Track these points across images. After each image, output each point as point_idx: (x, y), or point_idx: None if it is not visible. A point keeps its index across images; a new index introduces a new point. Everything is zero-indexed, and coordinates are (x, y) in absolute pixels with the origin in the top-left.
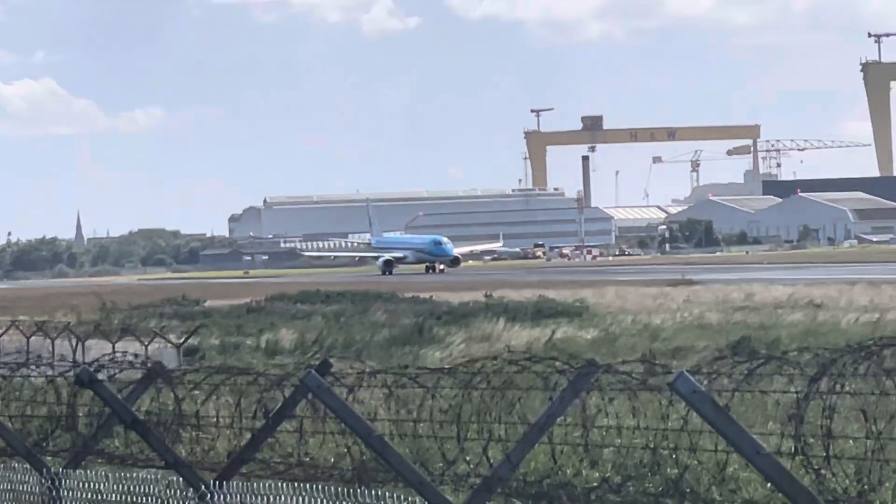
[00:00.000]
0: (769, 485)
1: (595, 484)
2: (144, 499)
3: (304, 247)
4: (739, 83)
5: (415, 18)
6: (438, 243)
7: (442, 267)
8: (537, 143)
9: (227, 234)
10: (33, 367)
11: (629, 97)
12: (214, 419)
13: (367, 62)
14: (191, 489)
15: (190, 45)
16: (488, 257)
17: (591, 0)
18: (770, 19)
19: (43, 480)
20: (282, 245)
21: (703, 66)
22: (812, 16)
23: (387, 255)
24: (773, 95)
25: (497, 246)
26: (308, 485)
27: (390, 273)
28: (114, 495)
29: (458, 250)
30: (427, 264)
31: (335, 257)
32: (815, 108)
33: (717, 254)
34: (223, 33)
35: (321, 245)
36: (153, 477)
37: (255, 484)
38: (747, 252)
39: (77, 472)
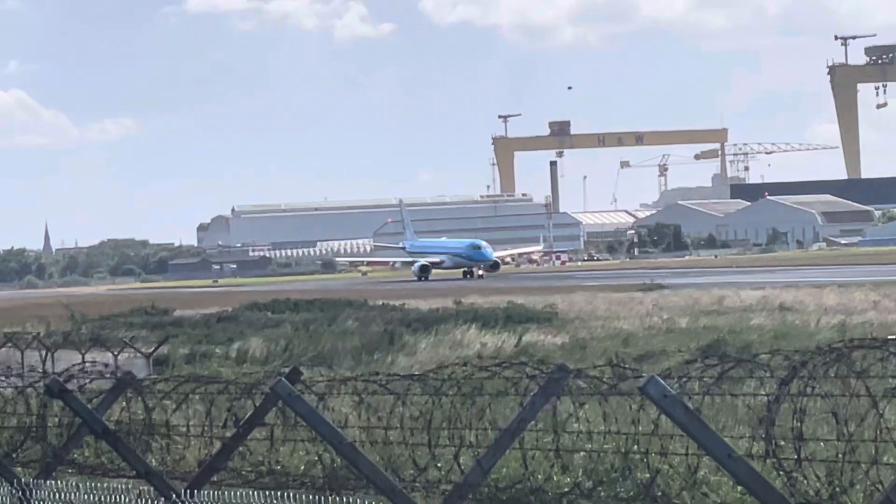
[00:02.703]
0: (740, 488)
1: (566, 489)
2: None
3: (274, 255)
4: (709, 87)
5: (388, 24)
6: (477, 247)
7: (481, 272)
8: (505, 148)
9: (195, 244)
10: (2, 377)
11: (598, 102)
12: (185, 428)
13: (338, 69)
14: (162, 498)
15: (162, 55)
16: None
17: (567, 4)
18: (744, 23)
19: (13, 491)
20: (251, 254)
21: (673, 70)
22: (785, 19)
23: (423, 260)
24: (743, 99)
25: (537, 249)
26: (279, 493)
27: (426, 279)
28: None
29: (496, 254)
30: (465, 269)
31: (367, 262)
32: (785, 111)
33: (686, 258)
34: (196, 42)
35: (290, 253)
36: (124, 486)
37: (225, 493)
38: (716, 256)
39: (48, 482)
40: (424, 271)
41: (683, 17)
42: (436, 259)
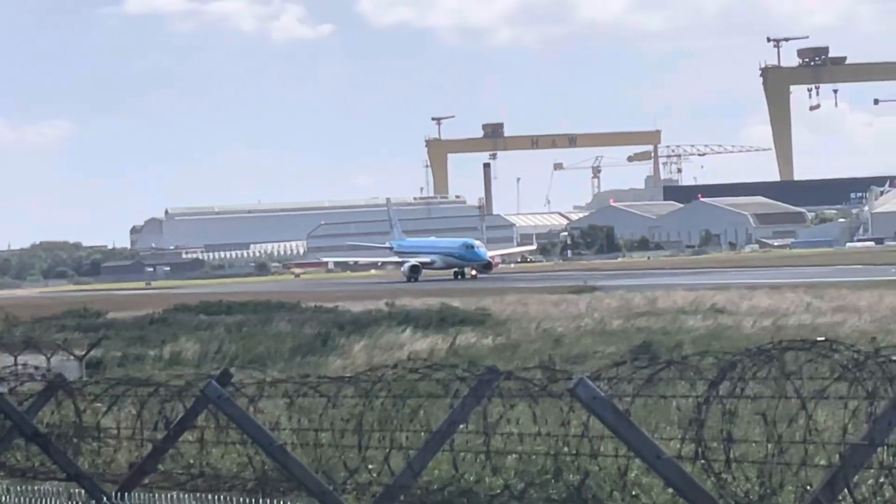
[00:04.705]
0: (671, 490)
1: (498, 490)
2: None
3: (208, 258)
4: (643, 89)
5: (326, 25)
6: (470, 247)
7: (473, 272)
8: (438, 150)
9: (128, 246)
10: None
11: (533, 104)
12: (116, 431)
13: (276, 71)
14: (93, 501)
15: (100, 56)
16: (391, 266)
17: (504, 6)
18: (681, 24)
19: None
20: (184, 256)
21: (607, 72)
22: (722, 21)
23: (413, 261)
24: (677, 100)
25: (531, 249)
26: (210, 495)
27: (416, 280)
28: None
29: (488, 254)
30: (456, 270)
31: (356, 262)
32: (718, 112)
33: (619, 260)
34: (133, 44)
35: (223, 256)
36: (55, 489)
37: (157, 495)
38: (649, 258)
39: None
40: (415, 272)
41: (621, 19)
42: (426, 259)
